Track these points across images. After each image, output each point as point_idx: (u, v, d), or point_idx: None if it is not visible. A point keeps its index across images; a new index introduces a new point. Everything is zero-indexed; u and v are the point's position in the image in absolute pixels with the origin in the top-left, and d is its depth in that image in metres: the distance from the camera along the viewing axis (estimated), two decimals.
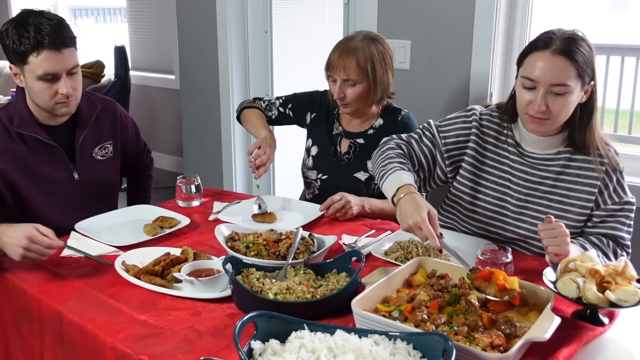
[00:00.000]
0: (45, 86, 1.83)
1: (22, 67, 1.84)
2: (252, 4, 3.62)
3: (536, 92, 1.62)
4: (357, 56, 2.08)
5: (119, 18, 6.44)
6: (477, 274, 1.37)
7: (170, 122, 5.35)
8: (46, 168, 1.96)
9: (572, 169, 1.71)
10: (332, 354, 1.11)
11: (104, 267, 1.65)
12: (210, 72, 3.80)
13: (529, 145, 1.76)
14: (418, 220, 1.51)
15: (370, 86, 2.12)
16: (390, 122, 2.24)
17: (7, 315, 1.64)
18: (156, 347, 1.26)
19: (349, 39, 2.16)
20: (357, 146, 2.25)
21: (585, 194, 1.69)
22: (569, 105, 1.63)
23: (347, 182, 2.20)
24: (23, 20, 1.80)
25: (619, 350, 1.31)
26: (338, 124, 2.30)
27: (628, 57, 2.58)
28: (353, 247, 1.77)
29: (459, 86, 2.71)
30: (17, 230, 1.59)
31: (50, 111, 1.91)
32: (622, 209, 1.69)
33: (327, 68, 2.16)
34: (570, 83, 1.59)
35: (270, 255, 1.63)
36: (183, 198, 2.16)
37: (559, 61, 1.59)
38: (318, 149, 2.32)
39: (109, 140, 2.11)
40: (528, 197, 1.75)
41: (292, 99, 2.39)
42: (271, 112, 2.38)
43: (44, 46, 1.78)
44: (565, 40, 1.60)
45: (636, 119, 2.61)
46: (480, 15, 2.56)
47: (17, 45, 1.79)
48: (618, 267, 1.34)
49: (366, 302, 1.29)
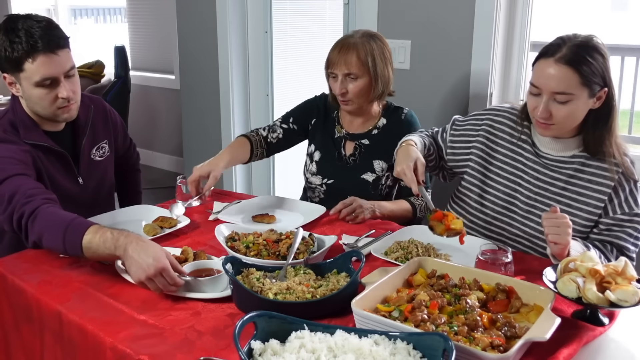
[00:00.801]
0: (44, 92, 1.78)
1: (17, 75, 1.77)
2: (252, 4, 3.62)
3: (540, 99, 1.63)
4: (357, 50, 2.09)
5: (119, 18, 6.44)
6: (433, 215, 1.62)
7: (170, 122, 5.35)
8: (58, 175, 1.92)
9: (585, 174, 1.71)
10: (332, 354, 1.11)
11: (104, 267, 1.64)
12: (210, 72, 3.80)
13: (543, 146, 1.77)
14: (404, 166, 1.69)
15: (371, 81, 2.13)
16: (394, 121, 2.24)
17: (7, 315, 1.64)
18: (156, 347, 1.26)
19: (347, 36, 2.17)
20: (363, 147, 2.24)
21: (595, 200, 1.69)
22: (574, 112, 1.63)
23: (354, 185, 2.19)
24: (12, 26, 1.73)
25: (619, 350, 1.31)
26: (340, 127, 2.29)
27: (628, 57, 2.58)
28: (353, 247, 1.77)
29: (459, 86, 2.71)
30: (149, 252, 1.43)
31: (52, 118, 1.87)
32: (631, 220, 1.68)
33: (327, 66, 2.17)
34: (573, 91, 1.59)
35: (270, 255, 1.63)
36: (183, 198, 2.16)
37: (562, 70, 1.59)
38: (321, 153, 2.30)
39: (105, 140, 2.10)
40: (537, 197, 1.76)
41: (292, 113, 2.37)
42: (275, 134, 2.33)
43: (38, 50, 1.72)
44: (574, 48, 1.59)
45: (636, 119, 2.62)
46: (480, 15, 2.56)
47: (10, 53, 1.72)
48: (618, 267, 1.34)
49: (366, 302, 1.29)
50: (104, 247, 1.50)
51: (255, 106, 3.83)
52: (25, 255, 1.73)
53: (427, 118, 2.81)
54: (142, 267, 1.42)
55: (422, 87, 2.82)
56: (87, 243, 1.52)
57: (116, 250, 1.48)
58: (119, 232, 1.52)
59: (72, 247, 1.54)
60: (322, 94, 2.37)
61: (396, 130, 2.18)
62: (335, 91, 2.16)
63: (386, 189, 2.22)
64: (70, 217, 1.59)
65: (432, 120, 2.77)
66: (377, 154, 2.21)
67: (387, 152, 2.16)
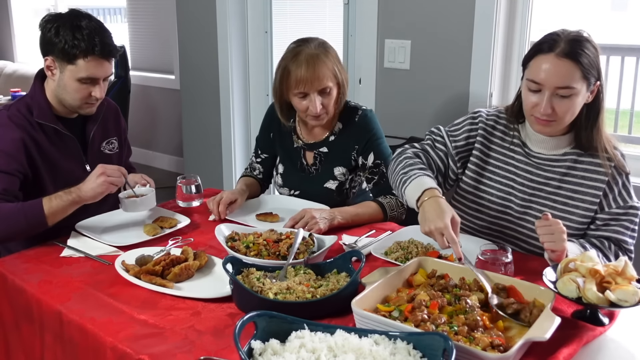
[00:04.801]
0: (81, 87, 1.91)
1: (64, 64, 1.89)
2: (252, 4, 3.62)
3: (542, 95, 1.63)
4: (324, 62, 1.98)
5: (119, 18, 6.44)
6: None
7: (170, 122, 5.35)
8: (62, 159, 1.99)
9: (578, 171, 1.71)
10: (332, 354, 1.11)
11: (104, 267, 1.65)
12: (210, 72, 3.80)
13: (535, 145, 1.77)
14: (441, 225, 1.49)
15: (339, 90, 2.06)
16: (350, 125, 2.14)
17: (7, 315, 1.64)
18: (156, 347, 1.26)
19: (302, 49, 1.99)
20: (322, 156, 2.17)
21: (590, 196, 1.69)
22: (574, 106, 1.63)
23: (319, 194, 2.13)
24: (78, 23, 1.86)
25: (619, 350, 1.31)
26: (296, 137, 2.21)
27: (628, 57, 2.58)
28: (353, 247, 1.77)
29: (459, 86, 2.71)
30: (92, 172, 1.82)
31: (75, 109, 1.98)
32: (626, 212, 1.68)
33: (294, 86, 1.98)
34: (576, 85, 1.59)
35: (270, 255, 1.63)
36: (183, 198, 2.16)
37: (564, 64, 1.59)
38: (284, 165, 2.25)
39: (114, 136, 2.18)
40: (532, 197, 1.76)
41: (257, 144, 2.33)
42: (255, 172, 2.33)
43: (94, 53, 1.87)
44: (570, 42, 1.60)
45: (636, 119, 2.62)
46: (480, 15, 2.56)
47: (69, 46, 1.85)
48: (618, 267, 1.34)
49: (366, 302, 1.29)
50: (63, 202, 1.79)
51: (255, 106, 3.83)
52: (25, 255, 1.73)
53: (427, 118, 2.81)
54: (93, 180, 1.80)
55: (422, 87, 2.82)
56: (48, 210, 1.77)
57: (71, 195, 1.80)
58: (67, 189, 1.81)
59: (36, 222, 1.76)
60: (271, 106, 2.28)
61: (353, 134, 2.12)
62: (312, 110, 2.00)
63: (352, 193, 2.19)
64: (16, 204, 1.79)
65: (432, 120, 2.77)
66: (336, 161, 2.15)
67: (345, 157, 2.13)
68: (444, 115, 2.72)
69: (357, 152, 2.13)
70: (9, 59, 6.35)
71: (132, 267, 1.58)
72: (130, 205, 1.91)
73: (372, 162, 2.12)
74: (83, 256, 1.72)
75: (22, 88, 4.96)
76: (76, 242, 1.80)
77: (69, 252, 1.74)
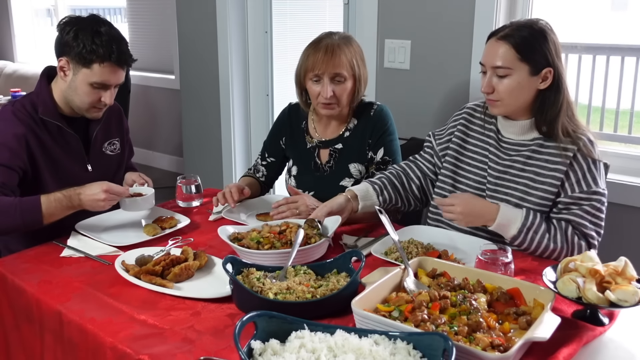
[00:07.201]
0: (92, 91, 1.92)
1: (79, 67, 1.90)
2: (252, 4, 3.62)
3: (485, 76, 1.77)
4: (343, 52, 2.04)
5: (119, 18, 6.44)
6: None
7: (170, 122, 5.35)
8: (64, 157, 2.00)
9: (542, 155, 1.76)
10: (332, 354, 1.11)
11: (104, 267, 1.65)
12: (210, 72, 3.80)
13: (506, 131, 1.85)
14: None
15: (355, 84, 2.09)
16: (364, 120, 2.16)
17: (7, 315, 1.64)
18: (156, 347, 1.26)
19: (324, 39, 2.07)
20: (337, 152, 2.18)
21: (550, 178, 1.73)
22: (516, 88, 1.72)
23: (335, 194, 2.06)
24: (98, 29, 1.88)
25: (619, 350, 1.31)
26: (310, 136, 2.23)
27: (628, 57, 2.57)
28: (353, 247, 1.77)
29: (459, 86, 2.71)
30: (92, 186, 1.82)
31: (82, 112, 1.99)
32: (588, 198, 1.70)
33: (308, 69, 2.06)
34: (511, 65, 1.70)
35: (283, 245, 1.66)
36: (183, 198, 2.16)
37: (500, 45, 1.72)
38: (298, 167, 2.25)
39: (117, 137, 2.19)
40: (499, 181, 1.82)
41: (265, 146, 2.34)
42: (259, 174, 2.33)
43: (110, 60, 1.89)
44: (515, 28, 1.72)
45: (636, 119, 2.61)
46: (480, 15, 2.57)
47: (87, 51, 1.86)
48: (618, 267, 1.34)
49: (366, 302, 1.29)
50: (61, 206, 1.80)
51: (255, 106, 3.83)
52: (25, 255, 1.73)
53: (427, 118, 2.81)
54: (94, 197, 1.79)
55: (422, 87, 2.82)
56: (46, 209, 1.77)
57: (72, 202, 1.80)
58: (65, 191, 1.81)
59: (31, 219, 1.77)
60: (289, 105, 2.33)
61: (367, 129, 2.13)
62: (322, 95, 2.04)
63: None
64: (14, 198, 1.79)
65: (432, 120, 2.77)
66: (351, 157, 2.15)
67: (360, 152, 2.14)
68: (444, 116, 2.71)
69: (369, 146, 2.14)
70: (9, 59, 6.35)
71: (132, 267, 1.58)
72: (131, 205, 1.91)
73: (380, 158, 2.13)
74: (83, 256, 1.72)
75: (22, 88, 4.97)
76: (76, 242, 1.80)
77: (69, 252, 1.74)
